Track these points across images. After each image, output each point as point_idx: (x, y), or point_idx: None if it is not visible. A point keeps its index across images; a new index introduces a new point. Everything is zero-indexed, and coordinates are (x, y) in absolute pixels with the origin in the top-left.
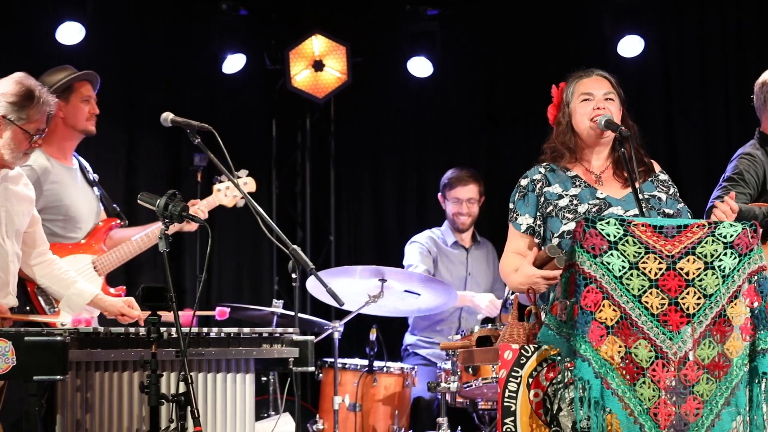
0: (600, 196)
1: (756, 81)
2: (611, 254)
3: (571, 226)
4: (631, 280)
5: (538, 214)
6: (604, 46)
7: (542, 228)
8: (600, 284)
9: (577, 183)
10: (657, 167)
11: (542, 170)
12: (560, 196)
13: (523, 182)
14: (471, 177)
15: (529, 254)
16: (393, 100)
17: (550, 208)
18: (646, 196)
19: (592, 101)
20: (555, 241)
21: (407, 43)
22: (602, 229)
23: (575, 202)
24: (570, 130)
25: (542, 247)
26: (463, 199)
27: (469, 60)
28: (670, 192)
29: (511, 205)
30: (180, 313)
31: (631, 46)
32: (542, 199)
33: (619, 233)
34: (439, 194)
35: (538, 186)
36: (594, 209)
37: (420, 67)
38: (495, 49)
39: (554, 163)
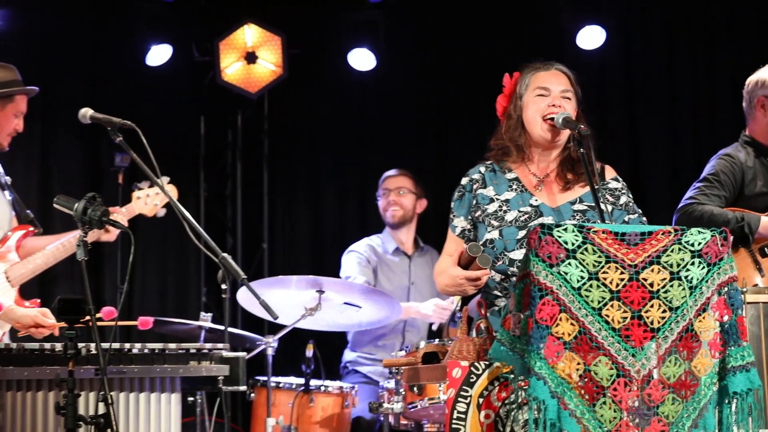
0: (533, 203)
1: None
2: (569, 263)
3: (494, 234)
4: (590, 291)
5: (470, 217)
6: (562, 38)
7: (472, 233)
8: (557, 296)
9: (514, 187)
10: (610, 173)
11: (483, 170)
12: (491, 200)
13: (464, 181)
14: (400, 170)
15: (455, 256)
16: (332, 96)
17: (479, 213)
18: (583, 208)
19: (547, 97)
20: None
21: (348, 33)
22: (559, 236)
23: (504, 208)
24: (520, 125)
25: (466, 246)
26: (391, 188)
27: (415, 52)
28: (619, 202)
29: (451, 205)
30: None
31: (591, 37)
32: (475, 201)
33: (577, 241)
34: (377, 202)
35: (475, 187)
36: (523, 218)
37: (362, 59)
38: (444, 40)
39: (498, 163)
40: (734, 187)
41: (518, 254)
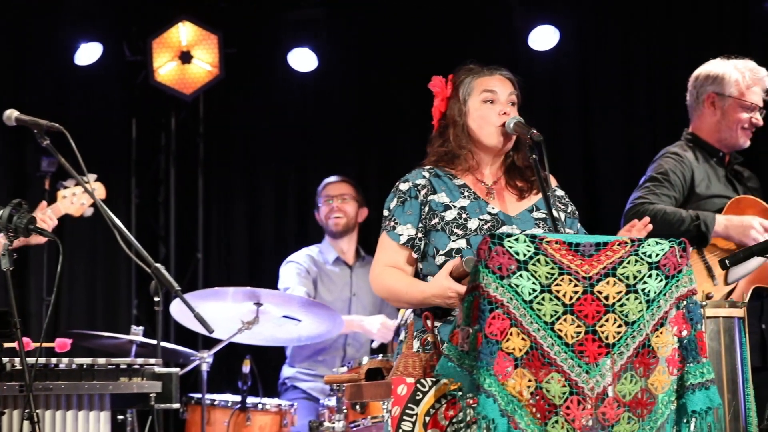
0: (491, 211)
1: (691, 75)
2: (520, 275)
3: (462, 243)
4: (542, 305)
5: (421, 225)
6: (514, 38)
7: (422, 242)
8: (507, 309)
9: (466, 193)
10: (554, 182)
11: (426, 174)
12: (447, 207)
13: (404, 186)
14: (342, 177)
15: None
16: (271, 98)
17: (436, 220)
18: (542, 216)
19: (495, 103)
20: (439, 259)
21: (288, 32)
22: (510, 247)
23: (464, 215)
24: (467, 132)
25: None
26: (334, 195)
27: (359, 52)
28: (569, 210)
29: (386, 212)
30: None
31: (544, 37)
32: (427, 208)
33: (529, 251)
34: (315, 212)
35: (423, 193)
36: (486, 226)
37: (303, 59)
38: (389, 41)
39: (439, 168)
40: (684, 186)
41: None
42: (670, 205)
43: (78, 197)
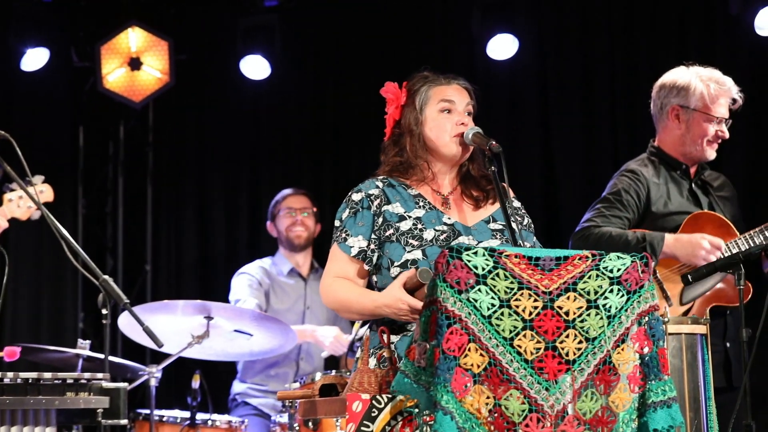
0: (447, 222)
1: (654, 84)
2: (479, 290)
3: (417, 254)
4: (501, 320)
5: (374, 236)
6: (471, 47)
7: (375, 254)
8: (465, 324)
9: (421, 204)
10: (510, 193)
11: (379, 184)
12: (402, 218)
13: (356, 197)
14: (301, 190)
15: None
16: (223, 106)
17: (390, 231)
18: (498, 227)
19: (453, 113)
20: (394, 271)
21: (241, 39)
22: (469, 260)
23: (420, 226)
24: (423, 141)
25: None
26: (295, 207)
27: (313, 60)
28: (524, 222)
29: (337, 223)
30: None
31: (502, 46)
32: (380, 219)
33: (488, 265)
34: (268, 222)
35: (376, 203)
36: (442, 237)
37: (256, 67)
38: (344, 48)
39: (393, 179)
40: (638, 206)
41: None
42: (619, 227)
43: (25, 200)
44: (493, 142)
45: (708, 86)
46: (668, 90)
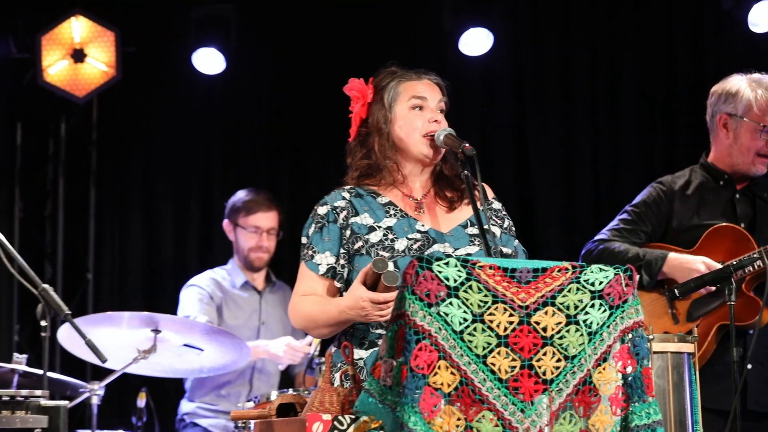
0: (421, 229)
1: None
2: (450, 303)
3: (389, 266)
4: (474, 336)
5: (342, 251)
6: (443, 42)
7: (346, 269)
8: (435, 340)
9: (392, 212)
10: (490, 193)
11: (346, 195)
12: (371, 229)
13: (321, 210)
14: (272, 202)
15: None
16: (173, 103)
17: (359, 244)
18: (476, 232)
19: (424, 110)
20: None
21: (193, 30)
22: (440, 272)
23: (391, 236)
24: (392, 142)
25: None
26: (263, 228)
27: (271, 54)
28: (505, 225)
29: (304, 240)
30: None
31: (476, 41)
32: (348, 232)
33: (460, 277)
34: (226, 221)
35: (342, 215)
36: (415, 246)
37: (209, 61)
38: (305, 42)
39: (360, 186)
40: (658, 219)
41: None
42: (633, 241)
43: None
44: (467, 145)
45: (756, 93)
46: (717, 97)
